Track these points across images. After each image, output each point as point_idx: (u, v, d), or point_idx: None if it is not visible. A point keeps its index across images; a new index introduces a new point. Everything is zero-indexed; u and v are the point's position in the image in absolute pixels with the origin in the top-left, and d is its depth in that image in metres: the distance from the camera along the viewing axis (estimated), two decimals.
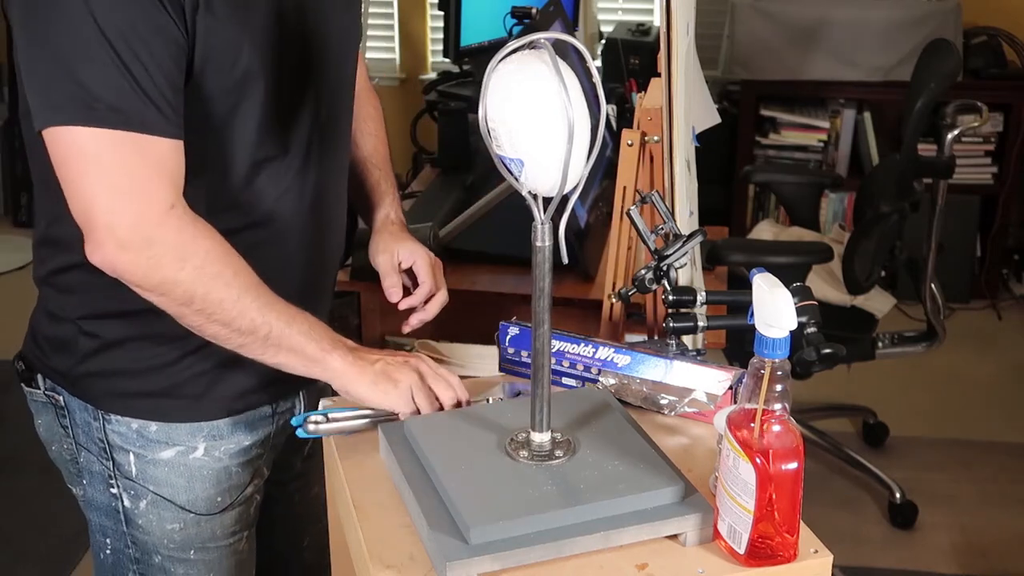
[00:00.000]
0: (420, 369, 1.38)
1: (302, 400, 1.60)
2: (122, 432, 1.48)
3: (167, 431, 1.49)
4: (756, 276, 1.13)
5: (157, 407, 1.48)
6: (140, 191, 1.26)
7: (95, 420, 1.49)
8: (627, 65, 3.35)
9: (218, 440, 1.51)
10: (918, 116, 2.79)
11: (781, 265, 2.68)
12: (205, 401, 1.49)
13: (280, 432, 1.59)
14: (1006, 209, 4.19)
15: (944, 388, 3.72)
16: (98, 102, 1.23)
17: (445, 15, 3.25)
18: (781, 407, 1.10)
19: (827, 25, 4.02)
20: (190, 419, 1.49)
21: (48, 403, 1.53)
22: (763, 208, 4.32)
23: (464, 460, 1.23)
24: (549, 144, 1.10)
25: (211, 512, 1.53)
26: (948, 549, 2.95)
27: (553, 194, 1.13)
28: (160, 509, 1.51)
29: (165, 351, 1.45)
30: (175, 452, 1.49)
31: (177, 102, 1.28)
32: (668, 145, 1.70)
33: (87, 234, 1.27)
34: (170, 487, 1.51)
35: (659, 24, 1.80)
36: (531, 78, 1.10)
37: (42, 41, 1.24)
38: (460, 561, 1.10)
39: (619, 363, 1.43)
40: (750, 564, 1.13)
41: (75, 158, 1.25)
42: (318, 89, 1.47)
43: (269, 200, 1.43)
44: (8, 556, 2.81)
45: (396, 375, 1.36)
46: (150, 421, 1.48)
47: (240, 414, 1.52)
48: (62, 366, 1.49)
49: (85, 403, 1.49)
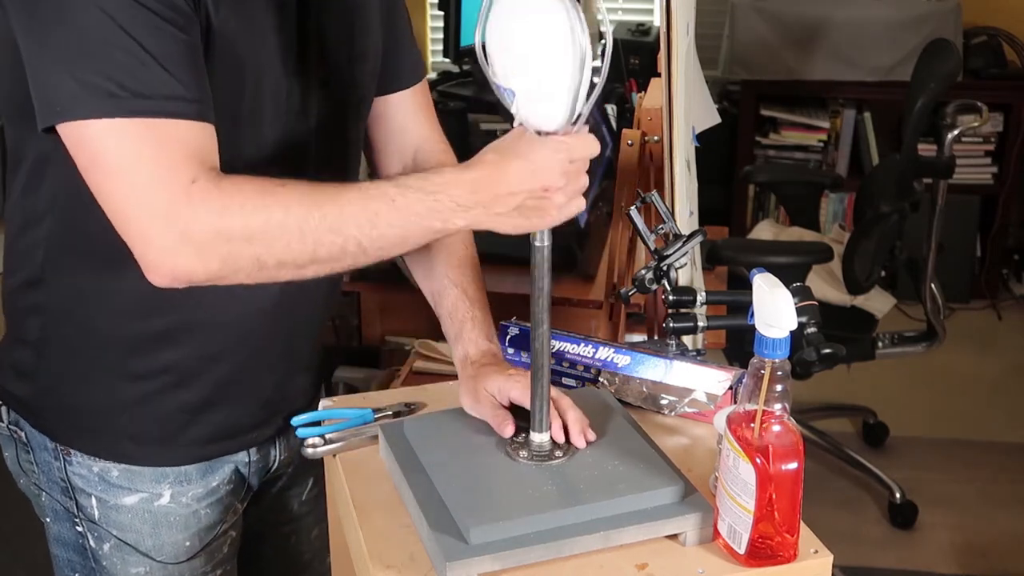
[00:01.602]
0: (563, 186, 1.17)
1: (278, 445, 1.51)
2: (83, 475, 1.39)
3: (129, 476, 1.39)
4: (756, 276, 1.13)
5: (118, 448, 1.38)
6: (159, 183, 1.12)
7: (56, 460, 1.40)
8: (627, 65, 3.35)
9: (185, 485, 1.41)
10: (918, 116, 2.79)
11: (781, 265, 2.68)
12: (172, 447, 1.40)
13: (256, 472, 1.50)
14: (1006, 209, 4.19)
15: (944, 388, 3.72)
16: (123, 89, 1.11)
17: (445, 15, 3.24)
18: (781, 407, 1.10)
19: (827, 25, 4.02)
20: (154, 463, 1.39)
21: (12, 437, 1.44)
22: (763, 208, 4.32)
23: (464, 460, 1.23)
24: (558, 72, 1.08)
25: (178, 559, 1.44)
26: (948, 549, 2.95)
27: (555, 128, 1.12)
28: (124, 554, 1.43)
29: (128, 388, 1.36)
30: (138, 499, 1.40)
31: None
32: (668, 145, 1.71)
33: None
34: (134, 533, 1.41)
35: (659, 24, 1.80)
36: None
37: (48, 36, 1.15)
38: (460, 561, 1.10)
39: (619, 363, 1.43)
40: (750, 564, 1.13)
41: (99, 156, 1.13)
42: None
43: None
44: (7, 556, 2.81)
45: (550, 209, 1.17)
46: (112, 464, 1.38)
47: (209, 460, 1.43)
48: (23, 394, 1.41)
49: (46, 438, 1.40)
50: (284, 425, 1.49)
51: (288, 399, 1.49)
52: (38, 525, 1.53)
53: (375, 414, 1.40)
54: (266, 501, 1.59)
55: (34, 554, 2.75)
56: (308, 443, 1.34)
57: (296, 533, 1.65)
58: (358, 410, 1.40)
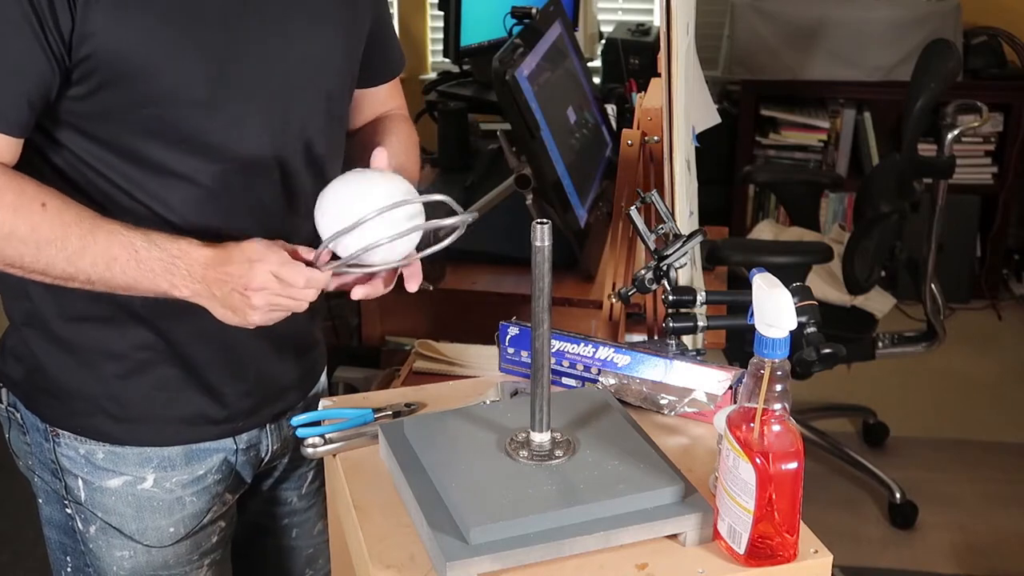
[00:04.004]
0: (266, 293, 1.27)
1: (269, 435, 1.53)
2: (71, 456, 1.44)
3: (114, 459, 1.43)
4: (756, 276, 1.13)
5: (102, 427, 1.42)
6: None
7: (46, 441, 1.44)
8: (627, 65, 3.35)
9: (169, 471, 1.45)
10: (918, 116, 2.79)
11: (781, 265, 2.68)
12: (154, 426, 1.43)
13: (247, 463, 1.52)
14: (1006, 209, 4.19)
15: (944, 388, 3.72)
16: None
17: (445, 15, 3.24)
18: (781, 407, 1.10)
19: (827, 25, 4.02)
20: (138, 443, 1.43)
21: (9, 419, 1.49)
22: (763, 208, 4.32)
23: (464, 460, 1.23)
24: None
25: (162, 544, 1.47)
26: (948, 549, 2.95)
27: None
28: (109, 536, 1.46)
29: (109, 365, 1.40)
30: (122, 481, 1.44)
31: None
32: (668, 145, 1.71)
33: None
34: (118, 516, 1.45)
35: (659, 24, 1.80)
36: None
37: None
38: (460, 561, 1.10)
39: (619, 363, 1.43)
40: (750, 564, 1.13)
41: None
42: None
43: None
44: (8, 555, 2.81)
45: (246, 308, 1.28)
46: (97, 446, 1.43)
47: (195, 444, 1.46)
48: (18, 376, 1.45)
49: (37, 420, 1.44)
50: (274, 415, 1.51)
51: (275, 389, 1.50)
52: (38, 524, 1.53)
53: (375, 414, 1.40)
54: (263, 494, 1.61)
55: (34, 554, 2.76)
56: (308, 443, 1.34)
57: (298, 527, 1.67)
58: (358, 410, 1.40)
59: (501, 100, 2.02)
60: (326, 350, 1.64)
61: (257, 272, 1.25)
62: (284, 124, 1.38)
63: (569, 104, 2.33)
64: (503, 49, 2.03)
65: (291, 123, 1.38)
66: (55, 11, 1.20)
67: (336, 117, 1.47)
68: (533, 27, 2.25)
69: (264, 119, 1.35)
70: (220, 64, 1.30)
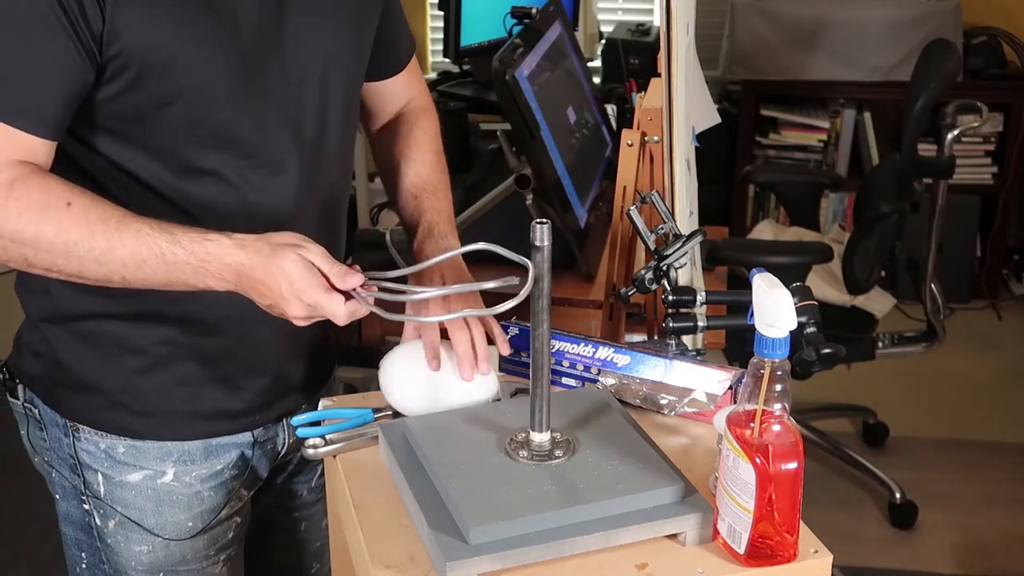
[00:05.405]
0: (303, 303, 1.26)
1: (285, 429, 1.55)
2: (91, 451, 1.45)
3: (135, 453, 1.44)
4: (756, 276, 1.13)
5: (122, 422, 1.43)
6: None
7: (66, 437, 1.45)
8: (627, 65, 3.35)
9: (189, 465, 1.46)
10: (918, 116, 2.79)
11: (781, 265, 2.68)
12: (174, 420, 1.44)
13: (263, 456, 1.54)
14: (1006, 209, 4.19)
15: (944, 388, 3.72)
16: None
17: (445, 15, 3.24)
18: (781, 407, 1.10)
19: (827, 25, 4.02)
20: (159, 437, 1.44)
21: (26, 415, 1.50)
22: (763, 208, 4.32)
23: (464, 460, 1.23)
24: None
25: (180, 537, 1.49)
26: (948, 549, 2.95)
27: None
28: (128, 531, 1.48)
29: (130, 361, 1.41)
30: (143, 476, 1.45)
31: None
32: (668, 145, 1.71)
33: None
34: (137, 510, 1.47)
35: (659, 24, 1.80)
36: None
37: None
38: (460, 561, 1.10)
39: (619, 363, 1.43)
40: (750, 564, 1.13)
41: None
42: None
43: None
44: (8, 555, 2.81)
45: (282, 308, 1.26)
46: (118, 440, 1.44)
47: (214, 438, 1.47)
48: (36, 372, 1.46)
49: (57, 415, 1.45)
50: (290, 409, 1.52)
51: (291, 383, 1.52)
52: (40, 524, 1.54)
53: (375, 414, 1.40)
54: (276, 488, 1.63)
55: (37, 553, 2.76)
56: (308, 443, 1.34)
57: (306, 520, 1.69)
58: (358, 410, 1.40)
59: (501, 100, 2.02)
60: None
61: (293, 306, 1.24)
62: (300, 116, 1.40)
63: (569, 104, 2.33)
64: (503, 49, 2.03)
65: (307, 116, 1.40)
66: (84, 11, 1.22)
67: (350, 107, 1.50)
68: (533, 27, 2.25)
69: (282, 112, 1.37)
70: (240, 57, 1.31)
